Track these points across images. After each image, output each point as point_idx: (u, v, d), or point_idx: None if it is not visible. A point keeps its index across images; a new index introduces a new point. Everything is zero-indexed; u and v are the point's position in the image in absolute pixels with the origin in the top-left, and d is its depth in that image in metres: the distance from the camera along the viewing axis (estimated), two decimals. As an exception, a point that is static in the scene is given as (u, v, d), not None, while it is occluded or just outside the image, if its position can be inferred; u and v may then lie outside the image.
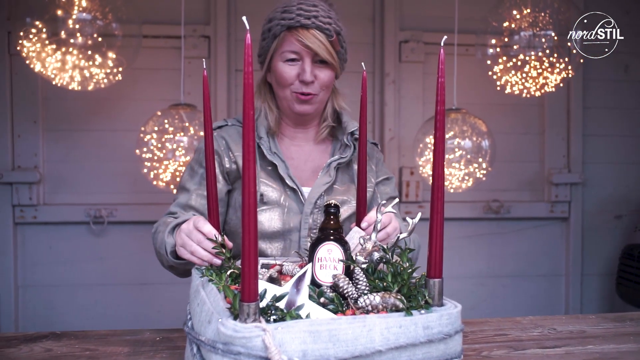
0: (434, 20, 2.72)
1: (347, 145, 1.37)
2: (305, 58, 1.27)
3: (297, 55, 1.28)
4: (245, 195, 0.69)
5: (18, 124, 2.52)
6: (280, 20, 1.27)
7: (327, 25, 1.27)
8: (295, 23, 1.25)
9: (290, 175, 1.32)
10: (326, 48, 1.26)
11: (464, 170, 2.25)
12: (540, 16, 2.21)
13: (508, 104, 2.77)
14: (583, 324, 1.22)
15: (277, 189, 1.31)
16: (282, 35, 1.27)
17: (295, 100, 1.31)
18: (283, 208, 1.30)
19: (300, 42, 1.25)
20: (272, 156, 1.32)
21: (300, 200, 1.31)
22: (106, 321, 2.58)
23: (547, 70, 2.23)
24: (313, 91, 1.30)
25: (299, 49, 1.26)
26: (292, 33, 1.26)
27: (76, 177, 2.58)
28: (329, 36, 1.27)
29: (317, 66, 1.29)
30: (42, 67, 2.00)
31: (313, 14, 1.26)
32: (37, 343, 1.08)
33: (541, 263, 2.90)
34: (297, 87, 1.29)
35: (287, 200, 1.31)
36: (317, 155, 1.41)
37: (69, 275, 2.59)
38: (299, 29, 1.25)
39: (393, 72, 2.72)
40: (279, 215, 1.29)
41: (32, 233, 2.56)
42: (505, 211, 2.80)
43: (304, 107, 1.32)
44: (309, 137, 1.42)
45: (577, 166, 2.85)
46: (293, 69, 1.29)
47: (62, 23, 1.95)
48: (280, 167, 1.31)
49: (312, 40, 1.25)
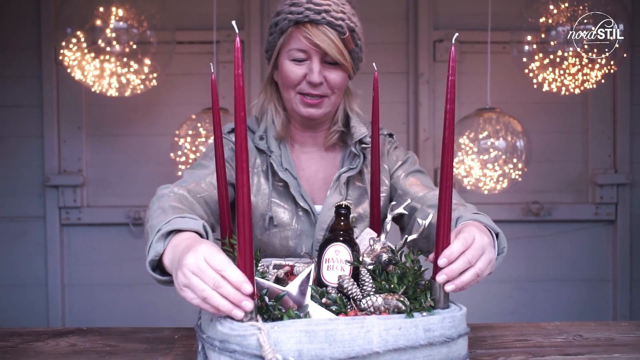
0: (468, 18, 2.66)
1: (356, 154, 1.26)
2: (313, 57, 1.16)
3: (304, 54, 1.17)
4: (239, 196, 0.70)
5: (64, 130, 2.64)
6: (288, 15, 1.15)
7: (339, 21, 1.14)
8: (303, 18, 1.13)
9: (302, 194, 1.23)
10: (337, 47, 1.14)
11: (498, 172, 2.19)
12: (579, 10, 2.13)
13: (548, 103, 2.67)
14: (613, 331, 1.16)
15: (289, 209, 1.23)
16: (289, 30, 1.16)
17: (300, 102, 1.21)
18: (295, 231, 1.23)
19: (309, 40, 1.13)
20: (283, 173, 1.22)
21: (312, 221, 1.23)
22: (144, 320, 2.66)
23: (587, 66, 2.14)
24: (321, 93, 1.19)
25: (306, 47, 1.15)
26: (299, 29, 1.14)
27: (116, 180, 2.68)
28: (341, 33, 1.15)
29: (326, 66, 1.18)
30: (82, 75, 2.09)
31: (324, 8, 1.13)
32: (64, 338, 1.13)
33: (586, 267, 2.77)
34: (304, 89, 1.19)
35: (299, 222, 1.23)
36: (328, 163, 1.32)
37: (110, 275, 2.69)
38: (307, 24, 1.13)
39: (427, 72, 2.68)
40: (291, 239, 1.23)
41: (77, 234, 2.68)
42: (545, 213, 2.70)
43: (309, 110, 1.21)
44: (319, 141, 1.32)
45: (624, 166, 2.71)
46: (300, 68, 1.18)
47: (100, 32, 2.04)
48: (291, 185, 1.22)
49: (322, 38, 1.13)
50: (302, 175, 1.28)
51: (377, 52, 2.64)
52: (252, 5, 2.63)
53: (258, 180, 1.25)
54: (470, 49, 2.68)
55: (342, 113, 1.30)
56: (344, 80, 1.22)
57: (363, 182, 1.28)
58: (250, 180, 1.24)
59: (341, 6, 1.18)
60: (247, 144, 0.71)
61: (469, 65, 2.70)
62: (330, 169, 1.31)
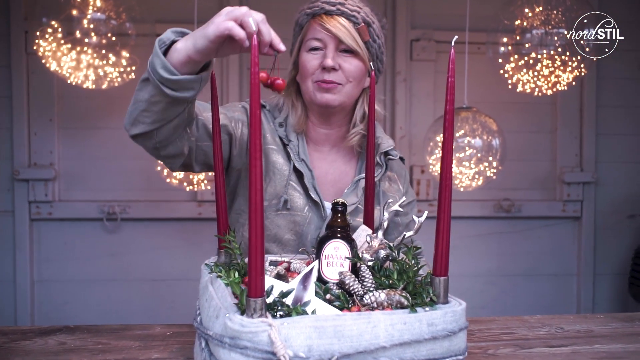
0: (446, 18, 2.72)
1: (379, 164, 1.29)
2: (328, 45, 1.20)
3: (320, 43, 1.21)
4: (252, 192, 0.70)
5: (34, 122, 2.57)
6: (306, 10, 1.23)
7: (353, 12, 1.20)
8: (319, 10, 1.20)
9: (315, 187, 1.25)
10: (351, 34, 1.19)
11: (474, 169, 2.25)
12: (552, 14, 2.20)
13: (520, 103, 2.76)
14: (591, 324, 1.21)
15: (302, 197, 1.25)
16: (307, 24, 1.23)
17: (317, 90, 1.22)
18: (305, 218, 1.25)
19: (323, 27, 1.19)
20: (299, 163, 1.25)
21: (321, 215, 1.26)
22: (118, 316, 2.62)
23: (560, 69, 2.22)
24: (335, 79, 1.21)
25: (321, 36, 1.20)
26: (315, 20, 1.21)
27: (90, 174, 2.62)
28: (356, 23, 1.20)
29: (342, 55, 1.21)
30: (58, 66, 2.04)
31: (339, 1, 1.20)
32: (51, 336, 1.11)
33: (552, 262, 2.88)
34: (319, 76, 1.21)
35: (310, 211, 1.25)
36: (339, 165, 1.34)
37: (82, 271, 2.63)
38: (322, 15, 1.20)
39: (404, 71, 2.72)
40: (299, 225, 1.25)
41: (48, 229, 2.61)
42: (516, 210, 2.79)
43: (325, 96, 1.22)
44: (333, 140, 1.33)
45: (589, 165, 2.83)
46: (316, 57, 1.21)
47: (77, 23, 1.99)
48: (306, 176, 1.24)
49: (335, 24, 1.18)
50: (313, 171, 1.29)
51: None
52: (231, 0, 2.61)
53: (277, 158, 1.26)
54: (447, 49, 2.72)
55: (360, 113, 1.30)
56: (359, 70, 1.23)
57: (377, 190, 1.32)
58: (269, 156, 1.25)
59: (357, 4, 1.23)
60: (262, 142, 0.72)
61: (446, 65, 2.74)
62: (340, 173, 1.33)
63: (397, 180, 1.37)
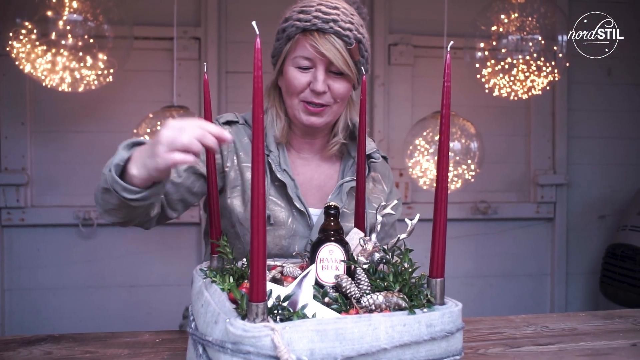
0: (423, 23, 2.76)
1: None
2: (318, 66, 1.15)
3: (310, 62, 1.16)
4: (254, 195, 0.70)
5: (5, 126, 2.49)
6: (296, 22, 1.15)
7: (346, 31, 1.13)
8: (311, 26, 1.13)
9: (299, 196, 1.23)
10: (343, 57, 1.13)
11: (453, 172, 2.28)
12: (527, 20, 2.26)
13: (495, 106, 2.81)
14: (574, 322, 1.25)
15: (285, 208, 1.23)
16: (296, 38, 1.16)
17: (302, 110, 1.20)
18: (290, 231, 1.22)
19: (315, 49, 1.13)
20: (281, 174, 1.22)
21: (307, 224, 1.23)
22: (95, 324, 2.56)
23: (534, 74, 2.27)
24: (324, 102, 1.18)
25: (312, 56, 1.14)
26: (306, 37, 1.14)
27: (65, 179, 2.55)
28: (348, 44, 1.14)
29: (331, 76, 1.17)
30: (32, 68, 1.98)
31: (332, 18, 1.13)
32: (36, 346, 1.08)
33: (527, 263, 2.95)
34: (307, 96, 1.18)
35: (295, 223, 1.22)
36: (324, 171, 1.32)
37: (57, 278, 2.56)
38: (314, 32, 1.13)
39: (382, 75, 2.75)
40: (284, 239, 1.22)
41: (20, 236, 2.54)
42: (492, 212, 2.84)
43: (311, 119, 1.20)
44: (316, 149, 1.31)
45: (562, 167, 2.90)
46: (305, 76, 1.17)
47: (53, 24, 1.94)
48: (289, 186, 1.21)
49: (328, 47, 1.12)
50: (296, 180, 1.27)
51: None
52: (210, 2, 2.59)
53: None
54: (424, 53, 2.77)
55: (342, 124, 1.28)
56: (347, 91, 1.21)
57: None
58: (244, 175, 1.23)
59: (350, 16, 1.17)
60: (264, 146, 0.72)
61: (423, 69, 2.79)
62: (325, 177, 1.32)
63: (382, 180, 1.37)
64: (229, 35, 2.64)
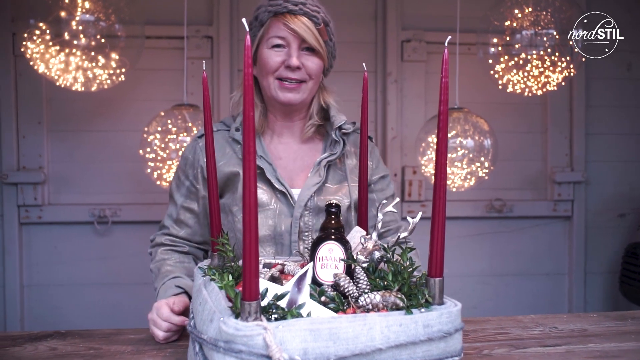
0: (436, 19, 2.72)
1: (337, 141, 1.33)
2: (291, 44, 1.24)
3: (283, 41, 1.25)
4: (245, 194, 0.70)
5: (23, 125, 2.54)
6: (267, 7, 1.25)
7: (314, 12, 1.25)
8: (282, 9, 1.23)
9: (279, 177, 1.28)
10: (313, 34, 1.24)
11: (466, 169, 2.25)
12: (542, 15, 2.21)
13: (510, 103, 2.77)
14: (584, 323, 1.22)
15: (267, 191, 1.28)
16: (268, 21, 1.25)
17: (279, 88, 1.27)
18: (274, 211, 1.27)
19: (287, 27, 1.23)
20: (259, 160, 1.28)
21: (291, 203, 1.28)
22: (110, 320, 2.60)
23: (549, 69, 2.23)
24: (299, 78, 1.26)
25: (285, 34, 1.24)
26: (278, 18, 1.24)
27: (80, 178, 2.59)
28: (317, 24, 1.25)
29: (304, 54, 1.26)
30: (46, 68, 2.01)
31: (301, 1, 1.24)
32: (42, 342, 1.09)
33: (544, 262, 2.90)
34: (282, 73, 1.25)
35: (278, 203, 1.28)
36: (306, 152, 1.37)
37: (73, 275, 2.60)
38: (286, 14, 1.23)
39: (395, 72, 2.73)
40: (270, 218, 1.27)
41: (37, 233, 2.58)
42: (508, 210, 2.80)
43: (288, 95, 1.27)
44: (296, 132, 1.37)
45: (579, 165, 2.84)
46: (279, 55, 1.25)
47: (66, 24, 1.96)
48: (267, 170, 1.27)
49: (299, 25, 1.23)
50: (279, 163, 1.33)
51: (346, 51, 2.65)
52: (222, 1, 2.60)
53: (230, 168, 1.31)
54: (438, 50, 2.74)
55: (317, 106, 1.36)
56: (319, 68, 1.29)
57: (343, 167, 1.34)
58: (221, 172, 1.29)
59: (316, 2, 1.28)
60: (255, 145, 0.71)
61: (437, 66, 2.76)
62: (308, 157, 1.36)
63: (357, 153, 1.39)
64: (241, 34, 2.65)
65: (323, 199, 1.28)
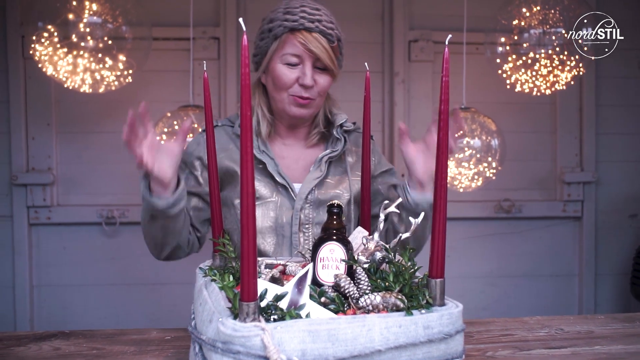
0: (443, 19, 2.71)
1: (338, 138, 1.37)
2: (306, 62, 1.26)
3: (298, 59, 1.27)
4: (243, 195, 0.70)
5: (32, 127, 2.56)
6: (283, 22, 1.25)
7: (329, 30, 1.26)
8: (298, 25, 1.23)
9: (280, 172, 1.32)
10: (328, 53, 1.26)
11: (473, 170, 2.24)
12: (550, 13, 2.19)
13: (519, 103, 2.74)
14: (591, 325, 1.20)
15: (269, 184, 1.32)
16: (283, 37, 1.26)
17: (292, 103, 1.30)
18: (275, 204, 1.31)
19: (304, 45, 1.24)
20: (260, 154, 1.32)
21: (292, 196, 1.32)
22: (118, 321, 2.61)
23: (558, 68, 2.21)
24: (311, 95, 1.29)
25: (301, 52, 1.25)
26: (294, 35, 1.24)
27: (88, 179, 2.61)
28: (331, 42, 1.26)
29: (316, 71, 1.28)
30: (54, 70, 2.03)
31: (317, 18, 1.25)
32: (46, 342, 1.10)
33: (554, 263, 2.87)
34: (296, 91, 1.28)
35: (279, 196, 1.32)
36: (309, 154, 1.41)
37: (82, 275, 2.62)
38: (302, 31, 1.24)
39: (402, 72, 2.71)
40: (271, 210, 1.30)
41: (46, 234, 2.60)
42: (516, 210, 2.77)
43: (300, 110, 1.31)
44: (300, 137, 1.41)
45: (590, 165, 2.81)
46: (293, 72, 1.27)
47: (73, 27, 1.98)
48: (269, 164, 1.31)
49: (315, 44, 1.24)
50: (282, 163, 1.36)
51: (353, 51, 2.63)
52: (229, 2, 2.60)
53: (232, 163, 1.34)
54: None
55: (322, 116, 1.40)
56: (330, 84, 1.33)
57: (344, 163, 1.39)
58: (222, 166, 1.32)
59: (330, 17, 1.30)
60: (253, 144, 0.71)
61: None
62: (311, 157, 1.40)
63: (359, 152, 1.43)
64: (248, 35, 2.63)
65: (324, 193, 1.33)
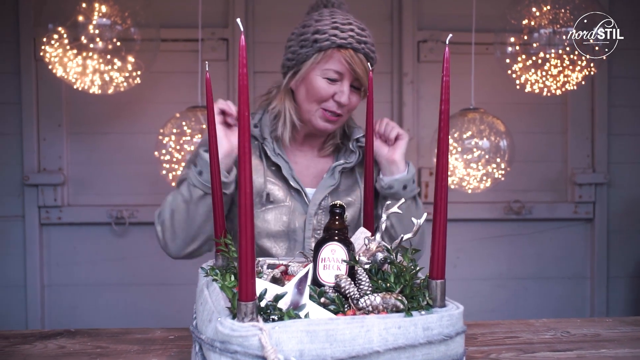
0: (453, 19, 2.69)
1: (352, 151, 1.39)
2: (345, 80, 1.28)
3: (338, 76, 1.28)
4: (241, 195, 0.70)
5: (43, 128, 2.59)
6: (332, 37, 1.26)
7: (372, 53, 1.29)
8: (347, 44, 1.25)
9: (294, 176, 1.34)
10: (367, 76, 1.26)
11: (482, 171, 2.22)
12: (560, 12, 2.17)
13: (529, 103, 2.72)
14: (598, 327, 1.19)
15: (282, 187, 1.34)
16: (329, 51, 1.27)
17: (321, 117, 1.32)
18: (289, 208, 1.33)
19: (349, 65, 1.26)
20: (275, 157, 1.34)
21: (305, 202, 1.34)
22: (128, 320, 2.63)
23: (568, 68, 2.18)
24: (342, 112, 1.31)
25: (344, 70, 1.27)
26: (341, 53, 1.26)
27: (98, 179, 2.64)
28: (372, 64, 1.30)
29: (351, 89, 1.30)
30: (64, 71, 2.05)
31: (364, 39, 1.27)
32: (52, 340, 1.11)
33: (565, 265, 2.83)
34: (330, 106, 1.30)
35: (292, 200, 1.33)
36: (320, 162, 1.43)
37: (92, 275, 2.65)
38: (350, 50, 1.26)
39: (411, 72, 2.70)
40: (284, 215, 1.31)
41: (57, 234, 2.63)
42: (526, 212, 2.75)
43: (327, 125, 1.33)
44: (314, 146, 1.44)
45: (602, 166, 2.78)
46: (331, 87, 1.28)
47: (83, 28, 2.00)
48: (284, 168, 1.33)
49: (359, 65, 1.26)
50: (294, 168, 1.37)
51: (362, 51, 2.65)
52: (237, 3, 2.61)
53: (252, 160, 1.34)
54: (454, 50, 2.65)
55: (340, 129, 1.43)
56: (359, 103, 1.35)
57: (355, 174, 1.42)
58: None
59: (372, 39, 1.32)
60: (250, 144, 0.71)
61: (452, 66, 2.71)
62: (324, 165, 1.42)
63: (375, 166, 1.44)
64: (257, 36, 2.66)
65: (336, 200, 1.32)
